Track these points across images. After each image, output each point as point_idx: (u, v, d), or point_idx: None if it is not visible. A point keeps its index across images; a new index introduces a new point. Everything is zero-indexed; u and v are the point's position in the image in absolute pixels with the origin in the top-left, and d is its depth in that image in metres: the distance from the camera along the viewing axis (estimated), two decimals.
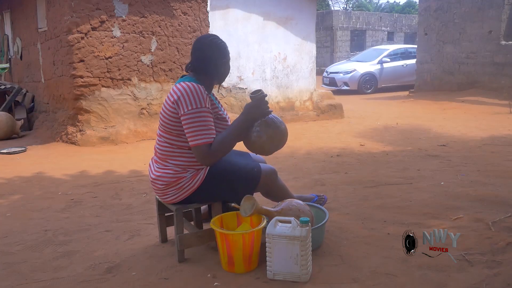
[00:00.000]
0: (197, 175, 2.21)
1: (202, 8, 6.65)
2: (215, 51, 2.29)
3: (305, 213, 2.26)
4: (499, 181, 3.56)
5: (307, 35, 7.87)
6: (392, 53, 14.16)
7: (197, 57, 2.28)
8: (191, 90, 2.14)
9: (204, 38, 2.34)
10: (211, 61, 2.27)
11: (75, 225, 2.90)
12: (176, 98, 2.16)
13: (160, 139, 2.27)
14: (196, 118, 2.12)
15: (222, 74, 2.36)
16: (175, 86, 2.22)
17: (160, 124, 2.27)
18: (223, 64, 2.33)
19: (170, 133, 2.21)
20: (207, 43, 2.30)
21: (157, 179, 2.25)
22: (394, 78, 13.87)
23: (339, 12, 23.85)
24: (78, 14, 5.68)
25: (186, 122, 2.13)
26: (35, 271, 2.22)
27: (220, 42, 2.33)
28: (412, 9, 35.11)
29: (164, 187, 2.23)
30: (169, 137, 2.22)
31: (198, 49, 2.29)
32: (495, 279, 1.95)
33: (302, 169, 4.29)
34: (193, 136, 2.13)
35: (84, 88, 5.82)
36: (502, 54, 10.12)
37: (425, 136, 6.01)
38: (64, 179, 4.21)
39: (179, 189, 2.21)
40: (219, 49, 2.31)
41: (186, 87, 2.15)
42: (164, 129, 2.23)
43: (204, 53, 2.27)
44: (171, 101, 2.18)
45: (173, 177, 2.20)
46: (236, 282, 2.01)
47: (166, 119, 2.20)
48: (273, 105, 7.59)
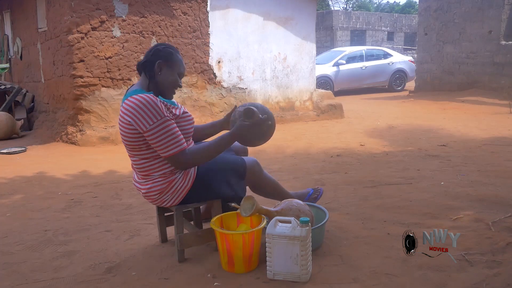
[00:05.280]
0: (187, 173, 2.19)
1: (202, 8, 6.65)
2: (162, 54, 2.15)
3: (305, 213, 2.26)
4: (499, 181, 3.56)
5: (307, 35, 7.87)
6: (350, 55, 13.54)
7: (145, 60, 2.17)
8: (144, 104, 2.00)
9: (158, 44, 2.23)
10: (153, 63, 2.13)
11: (75, 225, 2.90)
12: (130, 119, 2.02)
13: (134, 158, 2.17)
14: (160, 131, 2.02)
15: (162, 82, 2.15)
16: (125, 104, 2.07)
17: (126, 145, 2.14)
18: (166, 68, 2.15)
19: (140, 149, 2.11)
20: (157, 47, 2.18)
21: (149, 191, 2.19)
22: (351, 81, 13.27)
23: (339, 12, 23.87)
24: (78, 14, 5.68)
25: (151, 138, 2.03)
26: (35, 271, 2.22)
27: (171, 50, 2.18)
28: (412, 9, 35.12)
29: (159, 196, 2.19)
30: (141, 154, 2.13)
31: (148, 51, 2.19)
32: (495, 279, 1.95)
33: (302, 169, 4.29)
34: (163, 148, 2.05)
35: (84, 88, 5.83)
36: (502, 54, 10.13)
37: (425, 136, 6.01)
38: (64, 179, 4.21)
39: (174, 192, 2.19)
40: (166, 54, 2.16)
41: (136, 103, 2.02)
42: (133, 148, 2.12)
43: (151, 55, 2.15)
44: (126, 122, 2.05)
45: (164, 183, 2.16)
46: (236, 282, 2.01)
47: (130, 139, 2.08)
48: (273, 105, 7.59)
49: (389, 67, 13.76)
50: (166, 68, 2.15)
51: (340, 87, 13.03)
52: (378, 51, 14.40)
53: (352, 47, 15.73)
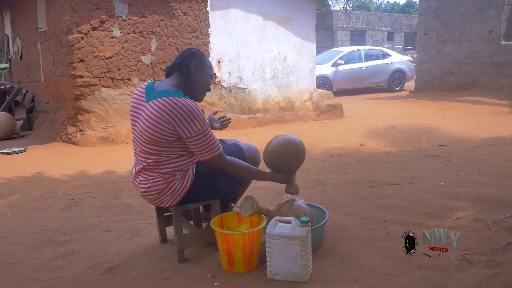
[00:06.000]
0: (186, 174, 2.19)
1: (202, 8, 6.65)
2: (196, 57, 2.25)
3: (305, 213, 2.26)
4: (499, 181, 3.56)
5: (307, 35, 7.87)
6: (349, 55, 13.46)
7: (183, 62, 2.23)
8: (191, 112, 2.04)
9: (190, 48, 2.32)
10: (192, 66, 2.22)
11: (75, 225, 2.90)
12: (171, 119, 2.04)
13: (146, 150, 2.15)
14: (203, 138, 2.08)
15: (197, 83, 2.26)
16: (164, 102, 2.05)
17: (144, 137, 2.11)
18: (200, 69, 2.25)
19: (163, 146, 2.11)
20: (191, 50, 2.28)
21: (147, 191, 2.19)
22: (350, 81, 13.17)
23: (339, 12, 23.86)
24: (78, 14, 5.68)
25: (193, 143, 2.09)
26: (35, 271, 2.22)
27: (203, 54, 2.30)
28: (412, 9, 35.12)
29: (157, 196, 2.19)
30: (158, 149, 2.12)
31: (182, 53, 2.27)
32: (495, 279, 1.95)
33: (302, 169, 4.25)
34: (203, 153, 2.12)
35: (84, 88, 5.83)
36: (502, 54, 10.13)
37: (425, 136, 6.01)
38: (64, 179, 4.20)
39: (173, 193, 2.18)
40: (200, 56, 2.26)
41: (183, 108, 2.04)
42: (154, 143, 2.11)
43: (186, 57, 2.24)
44: (164, 120, 2.04)
45: (163, 183, 2.16)
46: (236, 282, 2.01)
47: (158, 136, 2.07)
48: (273, 105, 7.60)
49: (388, 67, 13.74)
50: (200, 70, 2.24)
51: (339, 87, 12.97)
52: (377, 51, 14.37)
53: (351, 47, 15.68)
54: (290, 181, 2.36)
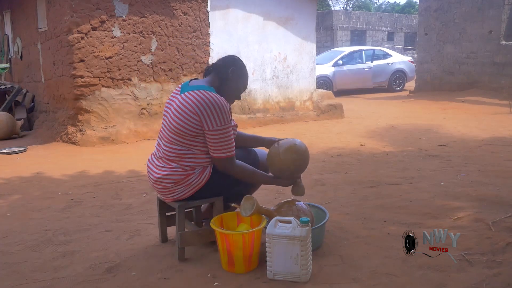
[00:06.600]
0: (204, 171, 2.23)
1: (202, 8, 6.65)
2: (236, 63, 2.36)
3: (305, 213, 2.26)
4: (499, 181, 3.56)
5: (307, 35, 7.87)
6: (349, 55, 13.46)
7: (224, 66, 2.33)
8: (219, 106, 2.13)
9: (232, 55, 2.46)
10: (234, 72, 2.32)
11: (75, 225, 2.90)
12: (199, 111, 2.12)
13: (171, 140, 2.22)
14: (222, 135, 2.16)
15: (231, 87, 2.36)
16: (196, 95, 2.17)
17: (172, 126, 2.19)
18: (237, 76, 2.36)
19: (187, 138, 2.18)
20: (234, 57, 2.41)
21: (164, 178, 2.22)
22: (351, 81, 13.14)
23: (339, 12, 23.87)
24: (78, 14, 5.68)
25: (211, 136, 2.15)
26: (35, 271, 2.22)
27: (244, 64, 2.42)
28: (412, 9, 35.13)
29: (173, 185, 2.22)
30: (182, 140, 2.19)
31: (225, 57, 2.39)
32: (495, 279, 1.95)
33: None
34: (217, 149, 2.18)
35: (84, 88, 5.82)
36: (502, 54, 10.12)
37: (425, 136, 6.01)
38: (64, 179, 4.21)
39: (188, 186, 2.22)
40: (240, 64, 2.39)
41: (212, 101, 2.13)
42: (180, 134, 2.17)
43: (228, 61, 2.35)
44: (193, 112, 2.13)
45: (182, 174, 2.20)
46: (236, 282, 2.01)
47: (185, 127, 2.15)
48: (273, 105, 7.60)
49: (389, 67, 13.74)
50: (237, 77, 2.34)
51: (339, 87, 12.96)
52: (378, 51, 14.36)
53: (352, 47, 15.67)
54: (295, 183, 2.40)
